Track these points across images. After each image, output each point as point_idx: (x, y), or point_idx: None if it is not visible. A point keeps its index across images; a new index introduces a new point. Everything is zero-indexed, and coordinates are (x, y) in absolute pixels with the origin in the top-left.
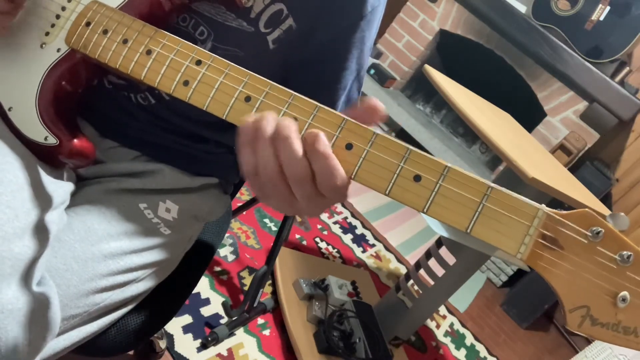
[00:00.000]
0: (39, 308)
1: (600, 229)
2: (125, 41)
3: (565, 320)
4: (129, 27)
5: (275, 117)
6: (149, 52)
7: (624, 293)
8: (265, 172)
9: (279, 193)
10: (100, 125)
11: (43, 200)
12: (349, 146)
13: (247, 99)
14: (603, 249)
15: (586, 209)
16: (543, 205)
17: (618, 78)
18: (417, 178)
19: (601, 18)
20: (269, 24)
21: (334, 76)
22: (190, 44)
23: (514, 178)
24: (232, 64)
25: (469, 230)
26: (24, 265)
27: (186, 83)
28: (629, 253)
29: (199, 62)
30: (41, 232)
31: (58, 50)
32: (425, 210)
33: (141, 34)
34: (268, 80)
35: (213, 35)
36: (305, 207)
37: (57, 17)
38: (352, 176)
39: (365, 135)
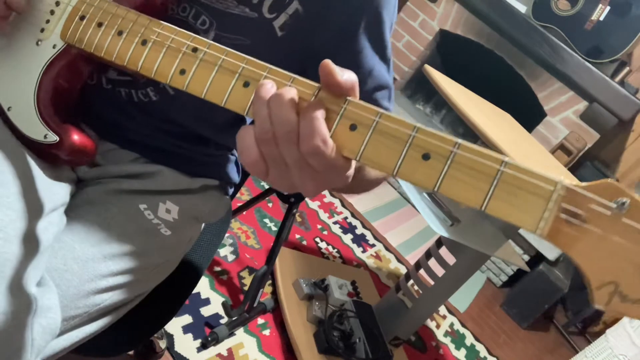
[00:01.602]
0: (39, 309)
1: (625, 199)
2: (120, 33)
3: (592, 298)
4: (123, 18)
5: (274, 84)
6: (144, 42)
7: None
8: (260, 132)
9: (272, 155)
10: (99, 127)
11: (43, 202)
12: (353, 127)
13: (246, 84)
14: (629, 220)
15: (608, 180)
16: (562, 177)
17: (618, 78)
18: (426, 156)
19: (601, 18)
20: (273, 8)
21: (353, 61)
22: (187, 31)
23: None
24: (230, 49)
25: (483, 208)
26: (25, 267)
27: (183, 72)
28: None
29: (195, 50)
30: (41, 233)
31: (54, 46)
32: (436, 188)
33: (136, 24)
34: (266, 64)
35: (215, 24)
36: (298, 177)
37: (52, 12)
38: (358, 158)
39: (369, 115)
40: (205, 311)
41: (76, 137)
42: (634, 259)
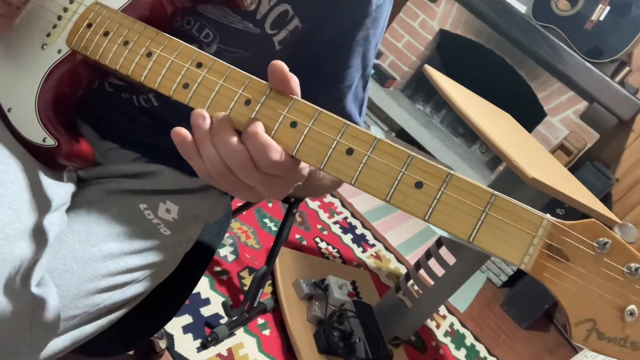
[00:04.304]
0: (39, 309)
1: (607, 240)
2: (126, 43)
3: (570, 334)
4: (130, 29)
5: (205, 114)
6: (149, 55)
7: (632, 307)
8: (214, 170)
9: (234, 184)
10: (100, 127)
11: (44, 201)
12: (349, 151)
13: (247, 102)
14: (610, 260)
15: (593, 219)
16: (548, 215)
17: (618, 78)
18: (419, 185)
19: (601, 18)
20: (275, 25)
21: (339, 74)
22: (191, 46)
23: (514, 178)
24: (233, 67)
25: (471, 239)
26: (25, 267)
27: (186, 86)
28: (638, 265)
29: (199, 65)
30: (42, 233)
31: (59, 51)
32: (426, 218)
33: (142, 36)
34: (269, 84)
35: (219, 37)
36: (265, 191)
37: (59, 18)
38: (353, 182)
39: (366, 140)
40: (205, 311)
41: (74, 142)
42: (612, 298)
